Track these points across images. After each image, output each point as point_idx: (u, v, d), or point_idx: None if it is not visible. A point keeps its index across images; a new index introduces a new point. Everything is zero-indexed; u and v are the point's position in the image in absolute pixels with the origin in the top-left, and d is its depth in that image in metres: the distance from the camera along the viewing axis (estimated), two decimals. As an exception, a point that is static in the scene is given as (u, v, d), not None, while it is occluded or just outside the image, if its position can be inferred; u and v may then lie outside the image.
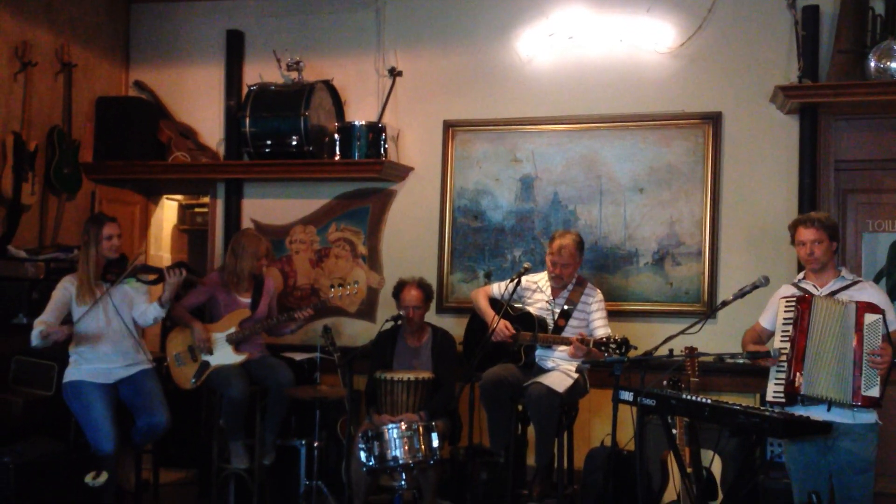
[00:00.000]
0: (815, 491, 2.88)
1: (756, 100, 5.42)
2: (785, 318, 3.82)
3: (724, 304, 3.98)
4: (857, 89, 5.01)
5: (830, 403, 3.66)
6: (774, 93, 5.24)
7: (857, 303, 3.67)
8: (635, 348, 4.36)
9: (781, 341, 3.79)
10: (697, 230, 5.50)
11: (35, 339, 4.35)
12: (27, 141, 5.52)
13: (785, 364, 3.74)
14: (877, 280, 5.13)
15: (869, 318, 3.63)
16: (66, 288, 4.55)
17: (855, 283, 3.83)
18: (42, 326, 4.35)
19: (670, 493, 4.47)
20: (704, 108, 5.50)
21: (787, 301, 3.86)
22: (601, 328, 4.73)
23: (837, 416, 3.64)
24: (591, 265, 5.59)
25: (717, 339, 4.85)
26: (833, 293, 3.80)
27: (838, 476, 3.69)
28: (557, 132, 5.74)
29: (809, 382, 3.69)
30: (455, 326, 5.46)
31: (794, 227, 3.92)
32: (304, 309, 5.13)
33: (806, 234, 3.84)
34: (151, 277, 4.70)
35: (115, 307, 4.57)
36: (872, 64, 4.96)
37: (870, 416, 3.67)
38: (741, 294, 3.88)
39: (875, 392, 3.60)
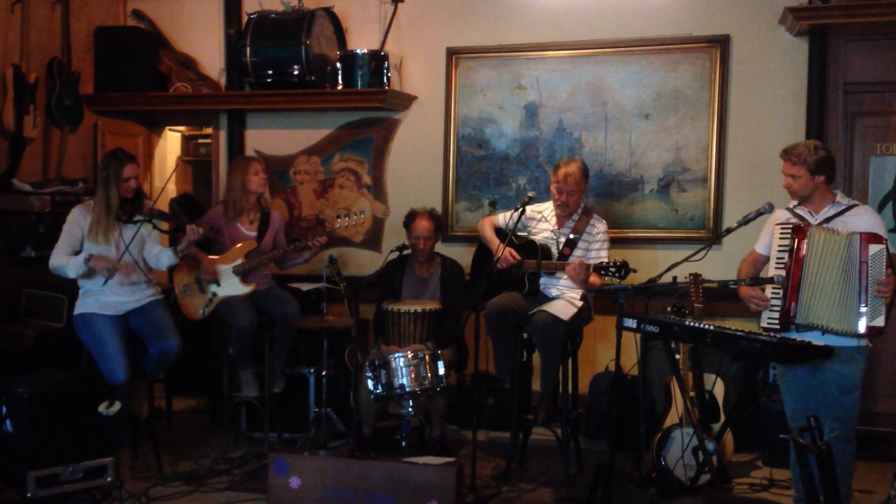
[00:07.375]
0: (814, 415, 2.93)
1: (765, 22, 5.33)
2: (780, 246, 3.81)
3: (729, 230, 3.98)
4: (867, 10, 4.91)
5: (828, 332, 3.68)
6: (784, 14, 5.14)
7: (860, 234, 3.64)
8: (634, 271, 4.37)
9: (776, 268, 3.79)
10: (703, 156, 5.46)
11: (77, 265, 4.44)
12: (27, 73, 5.46)
13: (781, 291, 3.75)
14: (883, 203, 5.12)
15: (873, 248, 3.61)
16: (76, 221, 4.58)
17: (850, 207, 3.79)
18: (88, 255, 4.45)
19: (673, 417, 4.54)
20: (712, 32, 5.41)
21: (782, 228, 3.83)
22: (600, 260, 4.70)
23: (829, 340, 3.66)
24: (596, 192, 5.58)
25: (722, 265, 4.86)
26: (828, 219, 3.77)
27: (824, 396, 3.73)
28: (562, 58, 5.65)
29: (805, 312, 3.70)
30: (461, 255, 5.47)
31: (781, 156, 3.87)
32: (318, 236, 5.13)
33: (784, 167, 3.81)
34: (165, 226, 4.77)
35: (126, 244, 4.60)
36: (884, -16, 4.86)
37: (858, 339, 3.69)
38: (745, 221, 3.88)
39: (881, 322, 3.62)
